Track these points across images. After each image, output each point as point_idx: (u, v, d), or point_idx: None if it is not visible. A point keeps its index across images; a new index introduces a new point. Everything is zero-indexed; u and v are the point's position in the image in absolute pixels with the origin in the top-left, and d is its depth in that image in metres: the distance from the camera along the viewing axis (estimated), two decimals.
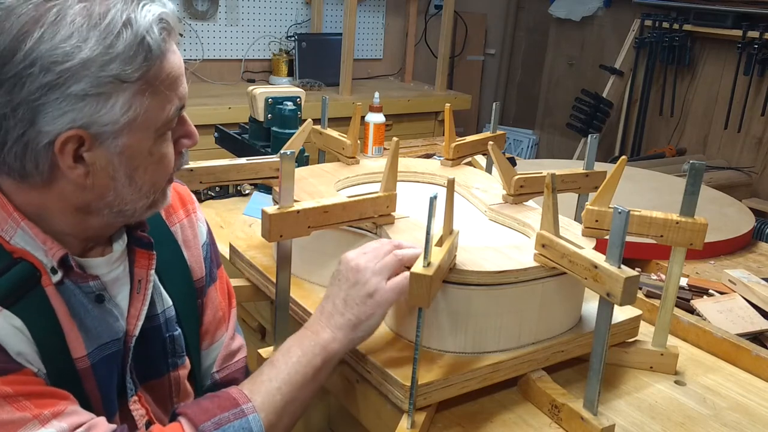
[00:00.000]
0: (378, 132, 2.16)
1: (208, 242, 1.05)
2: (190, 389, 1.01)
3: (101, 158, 0.77)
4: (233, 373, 1.08)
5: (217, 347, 1.06)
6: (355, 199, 1.06)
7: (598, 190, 1.07)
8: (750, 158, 3.34)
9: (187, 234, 1.01)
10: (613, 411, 1.02)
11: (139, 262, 0.90)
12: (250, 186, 1.75)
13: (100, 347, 0.84)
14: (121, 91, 0.74)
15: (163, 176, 0.84)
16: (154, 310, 0.93)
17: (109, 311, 0.85)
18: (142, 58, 0.74)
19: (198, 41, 3.38)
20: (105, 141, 0.76)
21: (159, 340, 0.94)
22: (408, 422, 0.92)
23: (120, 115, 0.74)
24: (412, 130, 3.49)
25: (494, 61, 4.70)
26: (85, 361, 0.83)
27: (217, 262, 1.07)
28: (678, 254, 1.06)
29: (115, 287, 0.88)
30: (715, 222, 1.63)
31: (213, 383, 1.07)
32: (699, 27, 3.37)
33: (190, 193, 1.05)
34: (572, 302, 1.09)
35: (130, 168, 0.79)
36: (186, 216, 1.01)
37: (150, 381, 0.94)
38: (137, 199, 0.82)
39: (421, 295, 0.86)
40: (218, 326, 1.06)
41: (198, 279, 1.01)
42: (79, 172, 0.77)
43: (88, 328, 0.83)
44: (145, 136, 0.78)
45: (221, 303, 1.06)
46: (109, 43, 0.72)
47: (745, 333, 1.25)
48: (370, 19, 3.94)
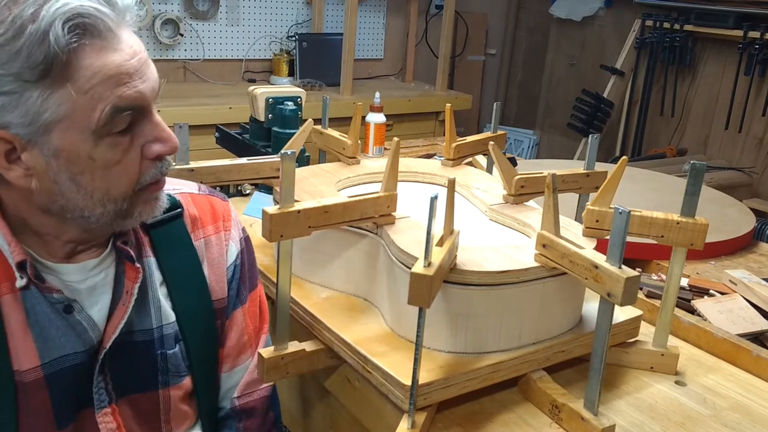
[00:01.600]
0: (379, 132, 2.16)
1: (238, 264, 1.00)
2: (188, 411, 0.96)
3: (39, 160, 0.74)
4: (254, 401, 1.04)
5: (239, 371, 1.02)
6: (356, 199, 1.06)
7: (598, 191, 1.07)
8: (751, 158, 3.33)
9: (213, 251, 0.96)
10: (613, 411, 1.02)
11: (127, 273, 0.86)
12: (251, 186, 1.75)
13: (59, 358, 0.81)
14: (29, 90, 0.70)
15: (118, 184, 0.79)
16: (149, 323, 0.89)
17: (76, 322, 0.82)
18: (41, 57, 0.69)
19: (199, 41, 3.38)
20: (37, 143, 0.73)
21: (149, 355, 0.89)
22: (408, 422, 0.92)
23: (34, 115, 0.71)
24: (412, 130, 3.49)
25: (495, 61, 4.70)
26: (36, 372, 0.80)
27: (251, 285, 1.03)
28: (679, 254, 1.06)
29: (92, 296, 0.85)
30: (716, 222, 1.63)
31: (232, 409, 1.02)
32: (700, 27, 3.37)
33: (230, 212, 1.00)
34: (573, 302, 1.09)
35: (72, 172, 0.76)
36: (215, 232, 0.97)
37: (132, 395, 0.89)
38: (91, 206, 0.78)
39: (422, 295, 0.86)
40: (242, 350, 1.02)
41: (218, 299, 0.97)
42: (17, 174, 0.75)
43: (49, 339, 0.81)
44: (79, 138, 0.74)
45: (248, 327, 1.02)
46: (9, 39, 0.68)
47: (746, 333, 1.25)
48: (370, 19, 3.94)
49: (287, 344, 1.07)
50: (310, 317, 1.12)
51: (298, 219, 0.99)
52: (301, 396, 1.30)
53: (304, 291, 1.19)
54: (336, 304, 1.15)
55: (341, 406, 1.13)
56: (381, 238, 1.11)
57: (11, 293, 0.79)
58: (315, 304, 1.14)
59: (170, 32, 3.26)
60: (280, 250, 1.02)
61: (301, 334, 1.13)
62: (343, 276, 1.18)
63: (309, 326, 1.13)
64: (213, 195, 1.01)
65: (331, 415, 1.20)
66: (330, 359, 1.10)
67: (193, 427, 0.99)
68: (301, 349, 1.07)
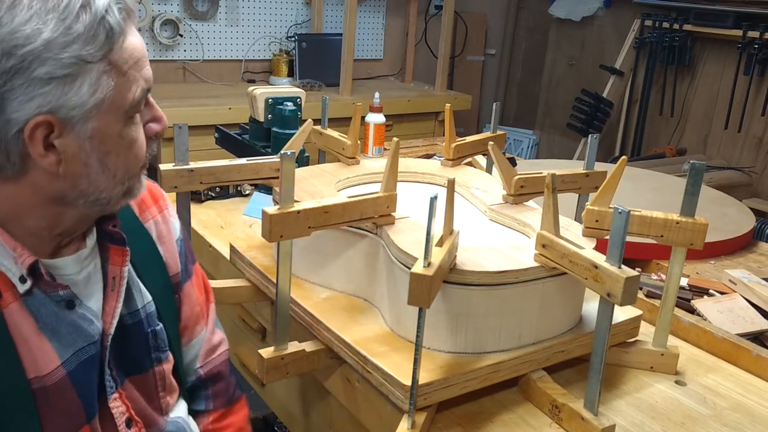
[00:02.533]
0: (378, 132, 2.16)
1: (182, 238, 1.04)
2: (175, 384, 1.00)
3: (72, 144, 0.76)
4: (217, 366, 1.09)
5: (197, 343, 1.06)
6: (356, 200, 1.06)
7: (598, 190, 1.07)
8: (750, 158, 3.33)
9: (162, 230, 1.00)
10: (613, 411, 1.02)
11: (112, 258, 0.88)
12: (251, 186, 1.75)
13: (76, 353, 0.83)
14: (86, 73, 0.73)
15: (136, 161, 0.83)
16: (134, 305, 0.92)
17: (81, 316, 0.84)
18: (103, 37, 0.73)
19: (198, 41, 3.38)
20: (75, 125, 0.75)
21: (141, 335, 0.93)
22: (408, 422, 0.92)
23: (88, 97, 0.74)
24: (412, 130, 3.49)
25: (494, 61, 4.70)
26: (59, 371, 0.81)
27: (192, 257, 1.07)
28: (678, 254, 1.06)
29: (88, 286, 0.86)
30: (716, 222, 1.63)
31: (198, 379, 1.07)
32: (699, 27, 3.37)
33: (161, 190, 1.04)
34: (572, 302, 1.09)
35: (102, 153, 0.78)
36: (159, 212, 1.01)
37: (134, 376, 0.93)
38: (112, 186, 0.81)
39: (422, 295, 0.86)
40: (197, 322, 1.06)
41: (174, 275, 1.01)
42: (50, 160, 0.76)
43: (61, 336, 0.82)
44: (114, 118, 0.77)
45: (198, 298, 1.06)
46: (69, 24, 0.71)
47: (746, 333, 1.25)
48: (370, 20, 3.94)
49: (287, 344, 1.07)
50: (310, 317, 1.12)
51: (298, 219, 0.99)
52: (301, 396, 1.30)
53: (304, 291, 1.19)
54: (336, 304, 1.15)
55: (341, 407, 1.13)
56: (381, 239, 1.11)
57: (15, 301, 0.79)
58: (315, 304, 1.14)
59: (170, 33, 3.26)
60: (280, 251, 1.02)
61: (301, 334, 1.13)
62: (343, 276, 1.18)
63: (309, 326, 1.13)
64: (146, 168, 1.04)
65: (331, 416, 1.20)
66: (330, 359, 1.10)
67: (180, 397, 1.03)
68: (301, 350, 1.07)
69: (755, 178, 3.24)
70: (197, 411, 1.08)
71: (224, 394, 1.10)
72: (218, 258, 1.44)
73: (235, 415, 1.10)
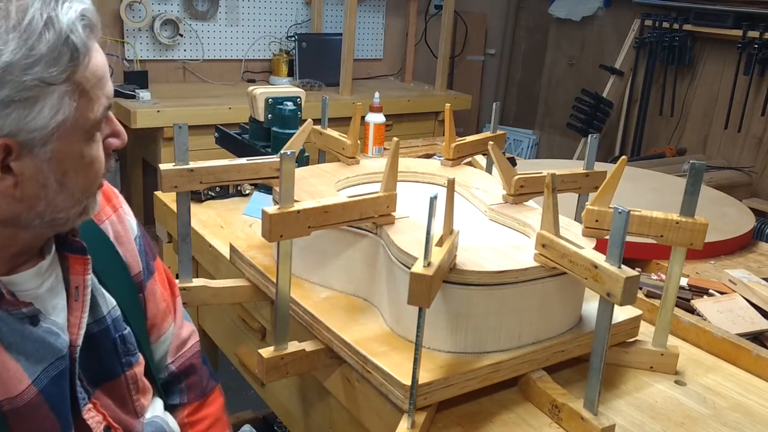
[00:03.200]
0: (378, 132, 2.16)
1: (140, 234, 1.02)
2: (148, 385, 1.00)
3: (30, 166, 0.73)
4: (189, 359, 1.09)
5: (165, 339, 1.05)
6: (356, 199, 1.06)
7: (598, 190, 1.07)
8: (750, 158, 3.33)
9: (118, 229, 0.97)
10: (613, 411, 1.02)
11: (73, 268, 0.85)
12: (251, 186, 1.75)
13: (45, 369, 0.80)
14: (48, 95, 0.70)
15: (95, 180, 0.81)
16: (100, 312, 0.90)
17: (47, 330, 0.81)
18: (67, 59, 0.70)
19: (198, 41, 3.38)
20: (34, 148, 0.72)
21: (109, 341, 0.91)
22: (408, 422, 0.92)
23: (49, 119, 0.71)
24: (412, 130, 3.49)
25: (494, 61, 4.70)
26: (31, 391, 0.78)
27: (152, 253, 1.05)
28: (678, 254, 1.06)
29: (50, 298, 0.84)
30: (715, 222, 1.63)
31: (170, 374, 1.07)
32: (699, 27, 3.37)
33: (113, 188, 1.01)
34: (572, 302, 1.09)
35: (61, 173, 0.75)
36: (114, 212, 0.98)
37: (105, 384, 0.91)
38: (70, 205, 0.79)
39: (422, 295, 0.86)
40: (164, 318, 1.05)
41: (136, 274, 0.99)
42: (7, 183, 0.72)
43: (29, 354, 0.79)
44: (75, 139, 0.75)
45: (163, 294, 1.05)
46: (32, 45, 0.68)
47: (746, 333, 1.25)
48: (370, 19, 3.94)
49: (287, 344, 1.07)
50: (310, 317, 1.12)
51: (298, 219, 0.99)
52: (300, 396, 1.30)
53: (303, 291, 1.19)
54: (336, 304, 1.15)
55: (341, 406, 1.13)
56: (381, 238, 1.11)
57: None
58: (315, 304, 1.14)
59: (170, 33, 3.26)
60: (280, 251, 1.02)
61: (300, 334, 1.13)
62: (342, 276, 1.18)
63: (309, 326, 1.13)
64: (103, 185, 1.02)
65: (331, 415, 1.20)
66: (330, 359, 1.10)
67: (154, 396, 1.03)
68: (301, 349, 1.07)
69: (755, 177, 3.24)
70: (172, 405, 1.08)
71: (197, 387, 1.10)
72: (218, 258, 1.44)
73: (210, 407, 1.10)
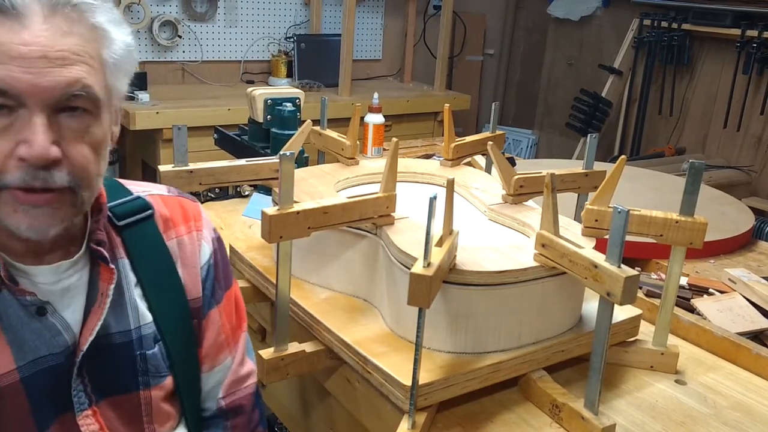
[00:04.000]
0: (377, 132, 2.16)
1: (212, 264, 0.99)
2: (171, 411, 0.96)
3: None
4: (240, 399, 1.04)
5: (219, 371, 1.02)
6: (355, 200, 1.06)
7: (597, 190, 1.07)
8: (749, 157, 3.34)
9: (186, 251, 0.96)
10: (613, 410, 1.02)
11: (102, 275, 0.86)
12: (250, 187, 1.75)
13: (35, 361, 0.81)
14: None
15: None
16: (126, 325, 0.89)
17: (50, 325, 0.82)
18: None
19: (197, 42, 3.38)
20: None
21: (128, 356, 0.89)
22: (409, 423, 0.92)
23: None
24: (411, 130, 3.49)
25: (493, 61, 4.70)
26: (12, 375, 0.79)
27: (227, 283, 1.02)
28: (678, 253, 1.06)
29: (65, 298, 0.84)
30: (715, 221, 1.63)
31: (218, 409, 1.02)
32: (698, 26, 3.37)
33: (200, 212, 0.99)
34: (572, 302, 1.09)
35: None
36: (187, 232, 0.96)
37: (113, 396, 0.89)
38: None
39: (421, 295, 0.86)
40: (220, 350, 1.01)
41: (193, 299, 0.96)
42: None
43: (23, 341, 0.80)
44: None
45: (224, 327, 1.01)
46: None
47: (746, 332, 1.25)
48: (368, 20, 3.94)
49: (287, 345, 1.07)
50: (310, 318, 1.12)
51: (298, 220, 0.99)
52: (301, 397, 1.30)
53: (303, 292, 1.19)
54: (336, 304, 1.15)
55: (341, 407, 1.13)
56: (380, 239, 1.11)
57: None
58: (315, 305, 1.14)
59: (168, 34, 3.26)
60: (280, 251, 1.02)
61: (300, 335, 1.13)
62: (342, 277, 1.18)
63: (309, 327, 1.13)
64: (182, 196, 1.01)
65: (332, 416, 1.20)
66: (330, 360, 1.10)
67: (177, 427, 0.99)
68: (301, 350, 1.07)
69: (754, 176, 3.24)
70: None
71: (244, 429, 1.04)
72: None
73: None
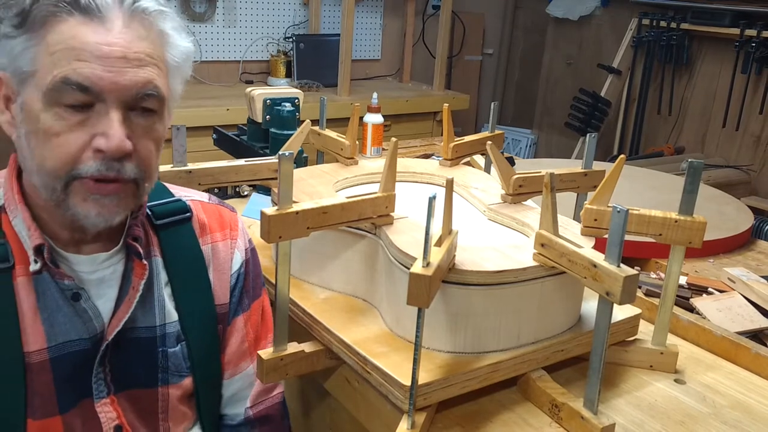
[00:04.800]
0: (376, 132, 2.16)
1: (242, 272, 1.03)
2: (187, 412, 0.98)
3: (17, 111, 0.81)
4: (267, 409, 1.07)
5: (239, 379, 1.04)
6: (354, 200, 1.06)
7: (596, 189, 1.07)
8: (748, 156, 3.34)
9: (219, 257, 1.00)
10: (613, 410, 1.02)
11: (135, 270, 0.90)
12: (249, 187, 1.75)
13: (64, 343, 0.85)
14: (11, 38, 0.78)
15: (53, 158, 0.78)
16: (152, 321, 0.92)
17: (82, 310, 0.86)
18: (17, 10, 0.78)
19: (196, 43, 3.38)
20: (15, 89, 0.80)
21: (150, 351, 0.92)
22: (408, 422, 0.92)
23: (17, 62, 0.78)
24: (410, 130, 3.49)
25: (492, 61, 4.70)
26: (42, 354, 0.84)
27: (255, 294, 1.05)
28: (677, 253, 1.06)
29: (100, 288, 0.88)
30: (714, 220, 1.63)
31: (246, 418, 1.05)
32: (697, 26, 3.37)
33: (237, 222, 1.04)
34: (571, 301, 1.09)
35: (28, 129, 0.80)
36: (222, 239, 1.01)
37: (131, 389, 0.92)
38: (34, 171, 0.80)
39: (421, 295, 0.86)
40: (242, 358, 1.04)
41: (221, 304, 1.00)
42: (6, 118, 0.82)
43: (56, 323, 0.84)
44: (36, 97, 0.78)
45: (249, 335, 1.04)
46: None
47: (745, 331, 1.25)
48: (367, 20, 3.94)
49: (286, 345, 1.07)
50: (309, 318, 1.12)
51: (297, 220, 0.99)
52: (300, 397, 1.30)
53: (303, 292, 1.19)
54: (335, 304, 1.15)
55: (341, 407, 1.13)
56: (379, 239, 1.11)
57: (25, 276, 0.83)
58: (314, 305, 1.14)
59: None
60: (279, 252, 1.02)
61: (300, 335, 1.13)
62: (342, 277, 1.18)
63: (308, 327, 1.13)
64: (222, 205, 1.05)
65: (331, 416, 1.20)
66: (329, 360, 1.10)
67: (192, 429, 1.00)
68: (301, 350, 1.07)
69: (753, 176, 3.24)
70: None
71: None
72: None
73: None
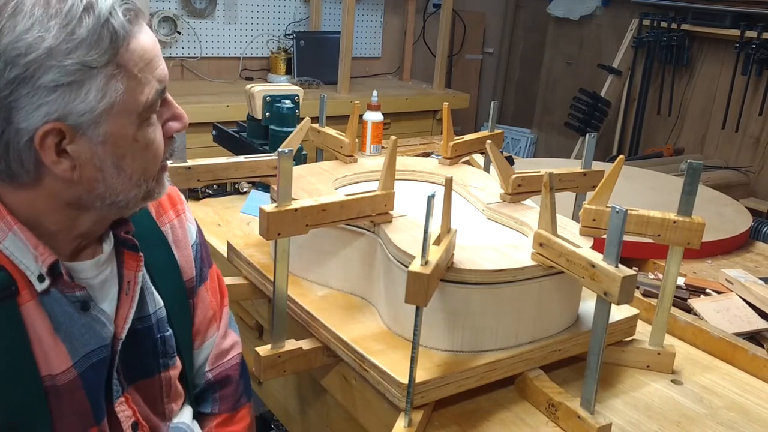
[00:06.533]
0: (376, 130, 2.15)
1: (198, 242, 1.04)
2: (181, 390, 1.00)
3: (85, 150, 0.76)
4: (226, 370, 1.08)
5: (207, 346, 1.06)
6: (353, 198, 1.06)
7: (595, 190, 1.07)
8: (747, 158, 3.34)
9: (178, 234, 1.00)
10: (609, 410, 1.02)
11: (127, 263, 0.89)
12: (248, 184, 1.75)
13: (87, 355, 0.83)
14: (92, 78, 0.73)
15: (153, 163, 0.82)
16: (146, 310, 0.92)
17: (95, 318, 0.84)
18: (108, 42, 0.72)
19: (196, 39, 3.38)
20: (86, 131, 0.75)
21: (150, 340, 0.93)
22: (405, 421, 0.92)
23: (96, 102, 0.73)
24: (410, 128, 3.49)
25: (492, 60, 4.69)
26: (71, 372, 0.81)
27: (209, 261, 1.07)
28: (675, 253, 1.07)
29: (104, 290, 0.87)
30: (713, 221, 1.64)
31: (206, 382, 1.07)
32: (697, 27, 3.37)
33: (179, 193, 1.04)
34: (569, 301, 1.09)
35: (117, 156, 0.78)
36: (176, 216, 1.01)
37: (140, 381, 0.93)
38: (129, 188, 0.81)
39: (419, 293, 0.86)
40: (209, 325, 1.06)
41: (188, 279, 1.01)
42: (64, 167, 0.76)
43: (74, 337, 0.82)
44: (127, 122, 0.77)
45: (211, 302, 1.06)
46: (72, 29, 0.71)
47: (742, 332, 1.25)
48: (368, 18, 3.94)
49: (284, 342, 1.07)
50: (307, 315, 1.12)
51: (296, 217, 0.99)
52: (298, 394, 1.30)
53: (301, 289, 1.19)
54: (333, 302, 1.15)
55: (338, 405, 1.13)
56: (378, 237, 1.11)
57: (32, 300, 0.79)
58: (312, 302, 1.14)
59: (167, 30, 3.25)
60: (278, 249, 1.02)
61: (298, 332, 1.13)
62: (340, 274, 1.18)
63: (306, 324, 1.13)
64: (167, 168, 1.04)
65: (328, 414, 1.20)
66: (327, 357, 1.10)
67: (185, 403, 1.03)
68: (298, 348, 1.07)
69: (752, 177, 3.24)
70: (202, 414, 1.07)
71: (230, 399, 1.09)
72: (215, 256, 1.44)
73: (237, 424, 1.08)
